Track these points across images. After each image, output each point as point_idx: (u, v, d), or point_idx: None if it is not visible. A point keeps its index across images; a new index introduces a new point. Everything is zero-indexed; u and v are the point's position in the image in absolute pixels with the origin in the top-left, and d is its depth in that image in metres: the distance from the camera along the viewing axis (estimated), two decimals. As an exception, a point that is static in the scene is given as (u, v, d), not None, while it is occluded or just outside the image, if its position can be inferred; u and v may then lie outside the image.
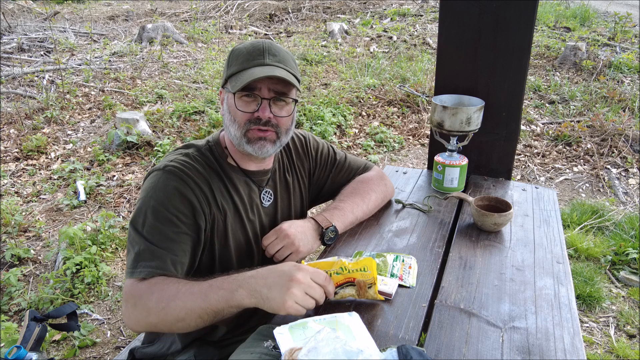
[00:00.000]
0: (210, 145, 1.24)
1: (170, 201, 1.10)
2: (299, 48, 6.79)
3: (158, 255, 1.06)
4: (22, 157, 4.17)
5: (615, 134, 4.26)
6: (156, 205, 1.09)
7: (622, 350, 2.22)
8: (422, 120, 4.88)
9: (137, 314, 1.01)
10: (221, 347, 1.30)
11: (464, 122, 1.62)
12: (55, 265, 2.83)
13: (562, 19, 7.72)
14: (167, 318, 0.99)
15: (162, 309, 0.99)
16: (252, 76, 1.10)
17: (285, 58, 1.17)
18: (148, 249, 1.06)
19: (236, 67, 1.15)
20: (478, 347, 1.00)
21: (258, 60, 1.14)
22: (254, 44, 1.16)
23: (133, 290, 1.03)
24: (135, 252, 1.07)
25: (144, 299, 1.01)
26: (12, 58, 6.35)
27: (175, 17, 9.10)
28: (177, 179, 1.12)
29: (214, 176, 1.19)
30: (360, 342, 0.93)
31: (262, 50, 1.15)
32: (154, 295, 1.01)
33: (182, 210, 1.10)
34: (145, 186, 1.14)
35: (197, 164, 1.17)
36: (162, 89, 5.53)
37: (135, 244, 1.08)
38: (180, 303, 0.98)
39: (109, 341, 2.35)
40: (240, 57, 1.15)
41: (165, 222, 1.08)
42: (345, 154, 1.53)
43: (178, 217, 1.10)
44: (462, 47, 1.77)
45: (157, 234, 1.08)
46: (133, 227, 1.10)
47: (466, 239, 1.41)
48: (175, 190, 1.11)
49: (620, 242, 2.93)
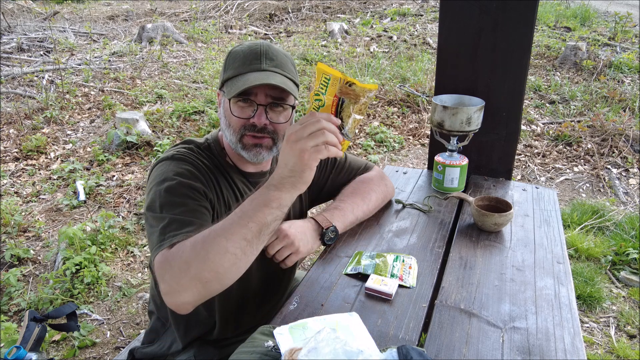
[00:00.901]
0: (209, 143, 1.24)
1: (184, 179, 1.09)
2: (299, 48, 6.79)
3: (187, 222, 1.01)
4: (21, 157, 4.17)
5: (616, 134, 4.25)
6: (172, 185, 1.07)
7: (623, 350, 2.22)
8: (422, 120, 4.88)
9: (177, 276, 0.90)
10: (221, 347, 1.30)
11: (464, 122, 1.62)
12: (55, 266, 2.82)
13: (563, 19, 7.72)
14: (210, 258, 0.88)
15: (200, 250, 0.90)
16: (247, 83, 1.08)
17: (283, 62, 1.16)
18: (174, 220, 1.01)
19: (232, 71, 1.14)
20: (478, 348, 0.99)
21: (255, 64, 1.12)
22: (252, 46, 1.15)
23: (163, 257, 0.95)
24: (160, 227, 1.01)
25: (178, 255, 0.92)
26: (12, 58, 6.35)
27: (175, 17, 9.09)
28: (187, 163, 1.13)
29: (216, 170, 1.20)
30: (360, 342, 0.93)
31: (259, 54, 1.13)
32: (187, 246, 0.93)
33: (196, 187, 1.10)
34: (155, 175, 1.12)
35: (200, 155, 1.19)
36: (161, 89, 5.53)
37: (157, 221, 1.02)
38: (219, 233, 0.91)
39: (109, 341, 2.35)
40: (237, 60, 1.14)
41: (184, 197, 1.06)
42: (346, 154, 1.52)
43: (194, 193, 1.09)
44: (462, 47, 1.77)
45: (179, 208, 1.04)
46: (151, 211, 1.05)
47: (466, 239, 1.41)
48: (187, 171, 1.11)
49: (621, 242, 2.93)
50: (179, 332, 1.28)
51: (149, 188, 1.12)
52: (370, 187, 1.46)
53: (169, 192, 1.06)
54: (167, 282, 0.91)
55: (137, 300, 2.62)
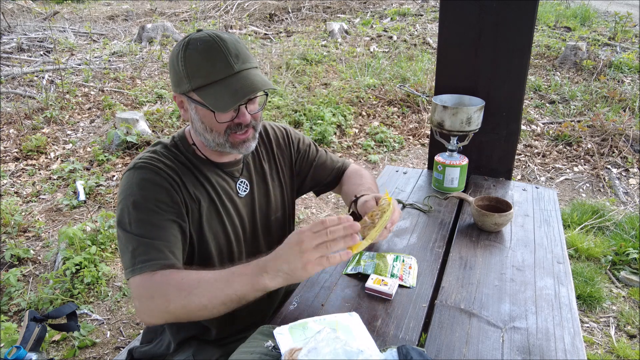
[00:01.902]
0: (176, 141, 1.23)
1: (148, 192, 1.10)
2: (299, 48, 6.79)
3: (154, 246, 1.06)
4: (21, 157, 4.17)
5: (616, 134, 4.25)
6: (136, 200, 1.10)
7: (623, 350, 2.22)
8: (422, 120, 4.88)
9: (155, 305, 1.01)
10: (220, 345, 1.30)
11: (464, 122, 1.62)
12: (55, 266, 2.82)
13: (563, 19, 7.72)
14: (190, 306, 0.99)
15: (184, 297, 0.99)
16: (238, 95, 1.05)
17: (245, 53, 1.11)
18: (142, 243, 1.07)
19: (202, 79, 1.07)
20: (478, 348, 0.99)
21: (226, 68, 1.06)
22: (207, 44, 1.06)
23: (146, 284, 1.03)
24: (130, 250, 1.07)
25: (163, 290, 1.01)
26: (12, 58, 6.35)
27: (175, 17, 9.10)
28: (149, 172, 1.13)
29: (183, 168, 1.19)
30: (360, 342, 0.93)
31: (223, 53, 1.06)
32: (172, 285, 1.01)
33: (161, 198, 1.11)
34: (121, 187, 1.14)
35: (164, 158, 1.17)
36: (161, 89, 5.53)
37: (127, 243, 1.08)
38: (203, 291, 0.98)
39: (109, 341, 2.35)
40: (201, 64, 1.06)
41: (149, 213, 1.09)
42: (325, 149, 1.55)
43: (159, 205, 1.10)
44: (462, 47, 1.77)
45: (145, 226, 1.08)
46: (120, 227, 1.10)
47: (466, 239, 1.41)
48: (149, 182, 1.12)
49: (621, 242, 2.93)
50: (171, 331, 1.29)
51: (118, 200, 1.14)
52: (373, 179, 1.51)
53: (135, 208, 1.09)
54: (144, 307, 1.02)
55: (137, 300, 2.62)
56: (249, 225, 1.30)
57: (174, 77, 1.13)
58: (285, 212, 1.41)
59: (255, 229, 1.32)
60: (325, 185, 1.53)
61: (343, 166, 1.55)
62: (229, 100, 1.06)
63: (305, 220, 3.44)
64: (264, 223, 1.34)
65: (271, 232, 1.37)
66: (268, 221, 1.35)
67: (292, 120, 4.71)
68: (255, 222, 1.32)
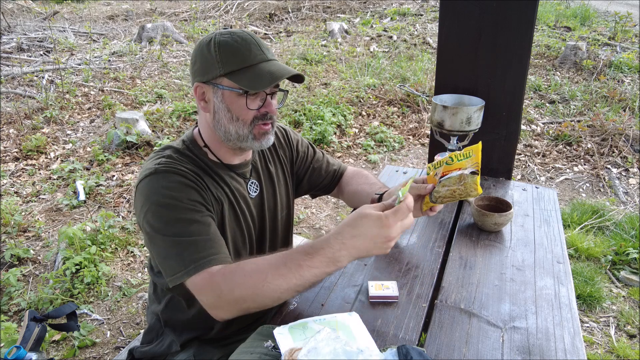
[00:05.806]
0: (187, 144, 1.21)
1: (179, 193, 1.07)
2: (299, 48, 6.79)
3: (202, 244, 1.04)
4: (21, 157, 4.17)
5: (616, 134, 4.25)
6: (169, 203, 1.06)
7: (623, 350, 2.22)
8: (422, 120, 4.88)
9: (227, 300, 1.00)
10: (221, 346, 1.30)
11: (464, 121, 1.62)
12: (55, 266, 2.82)
13: (563, 19, 7.72)
14: (264, 300, 0.99)
15: (259, 289, 0.98)
16: (275, 75, 1.09)
17: (268, 48, 1.18)
18: (188, 243, 1.03)
19: (236, 63, 1.10)
20: (478, 347, 0.99)
21: (259, 55, 1.12)
22: (240, 36, 1.12)
23: (212, 279, 1.01)
24: (175, 253, 1.04)
25: (234, 283, 0.99)
26: (12, 58, 6.35)
27: (175, 17, 9.09)
28: (174, 175, 1.09)
29: (201, 172, 1.18)
30: (360, 342, 0.93)
31: (256, 44, 1.13)
32: (243, 278, 1.00)
33: (194, 198, 1.09)
34: (144, 194, 1.09)
35: (183, 161, 1.15)
36: (161, 89, 5.53)
37: (169, 247, 1.04)
38: (277, 283, 0.98)
39: (109, 341, 2.35)
40: (235, 52, 1.11)
41: (186, 212, 1.06)
42: (322, 152, 1.55)
43: (194, 204, 1.08)
44: (462, 47, 1.77)
45: (185, 226, 1.05)
46: (156, 232, 1.06)
47: (466, 238, 1.41)
48: (178, 184, 1.08)
49: (621, 242, 2.93)
50: (175, 333, 1.28)
51: (143, 207, 1.08)
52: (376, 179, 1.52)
53: (170, 210, 1.05)
54: (214, 303, 1.02)
55: (137, 300, 2.62)
56: (258, 225, 1.31)
57: (202, 65, 1.13)
58: (289, 211, 1.42)
59: (263, 229, 1.33)
60: (321, 188, 1.52)
61: (340, 169, 1.54)
62: (265, 80, 1.09)
63: (305, 220, 3.44)
64: (272, 222, 1.35)
65: (277, 231, 1.37)
66: (275, 221, 1.36)
67: (292, 120, 4.71)
68: (264, 221, 1.32)
